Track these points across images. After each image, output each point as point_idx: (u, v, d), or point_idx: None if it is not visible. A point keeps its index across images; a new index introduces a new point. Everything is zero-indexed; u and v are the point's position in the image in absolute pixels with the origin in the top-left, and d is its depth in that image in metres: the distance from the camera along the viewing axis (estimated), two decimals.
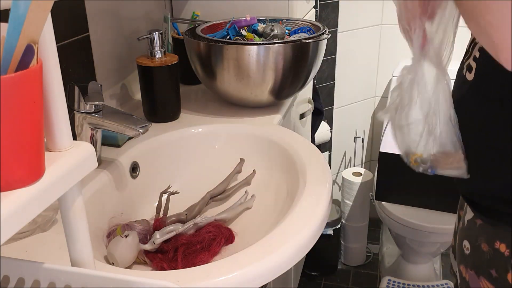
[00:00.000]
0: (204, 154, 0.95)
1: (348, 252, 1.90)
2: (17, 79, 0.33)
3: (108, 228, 0.75)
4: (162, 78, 0.96)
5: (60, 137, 0.41)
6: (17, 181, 0.35)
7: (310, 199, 0.70)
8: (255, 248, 0.60)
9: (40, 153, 0.37)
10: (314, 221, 0.66)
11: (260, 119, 0.99)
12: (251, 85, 0.99)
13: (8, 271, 0.44)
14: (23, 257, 0.56)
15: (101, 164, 0.81)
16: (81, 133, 0.78)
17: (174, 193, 0.81)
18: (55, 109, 0.40)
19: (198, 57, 1.02)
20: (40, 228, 0.65)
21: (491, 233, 0.69)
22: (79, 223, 0.44)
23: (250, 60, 0.95)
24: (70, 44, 0.88)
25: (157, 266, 0.71)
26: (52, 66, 0.39)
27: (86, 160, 0.42)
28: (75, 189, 0.43)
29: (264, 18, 1.17)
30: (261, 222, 0.81)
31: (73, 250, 0.45)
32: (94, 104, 0.75)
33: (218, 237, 0.75)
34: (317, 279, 1.85)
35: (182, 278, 0.55)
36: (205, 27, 1.11)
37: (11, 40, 0.32)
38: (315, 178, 0.75)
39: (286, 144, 0.88)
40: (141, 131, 0.76)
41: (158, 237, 0.72)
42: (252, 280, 0.57)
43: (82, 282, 0.42)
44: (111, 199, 0.79)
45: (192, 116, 1.03)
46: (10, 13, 0.32)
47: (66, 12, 0.87)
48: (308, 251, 0.64)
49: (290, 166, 0.83)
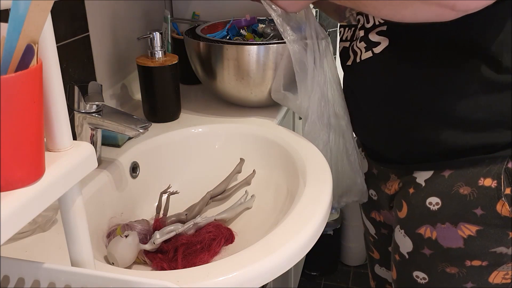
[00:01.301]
0: (204, 154, 0.95)
1: (348, 252, 1.90)
2: (17, 79, 0.33)
3: (108, 228, 0.75)
4: (162, 78, 0.96)
5: (60, 137, 0.41)
6: (17, 181, 0.35)
7: (310, 199, 0.70)
8: (255, 248, 0.60)
9: (40, 153, 0.37)
10: (314, 221, 0.66)
11: (260, 119, 0.99)
12: (251, 85, 0.99)
13: (8, 271, 0.44)
14: (23, 257, 0.56)
15: (101, 164, 0.81)
16: (81, 133, 0.78)
17: (174, 193, 0.81)
18: (55, 109, 0.40)
19: (198, 57, 1.02)
20: (40, 228, 0.65)
21: (471, 174, 0.74)
22: (79, 223, 0.44)
23: (250, 60, 0.95)
24: (70, 44, 0.88)
25: (157, 266, 0.71)
26: (52, 66, 0.39)
27: (86, 160, 0.42)
28: (75, 189, 0.43)
29: (264, 18, 1.17)
30: (261, 222, 0.81)
31: (73, 250, 0.45)
32: (94, 104, 0.75)
33: (218, 237, 0.75)
34: (317, 279, 1.85)
35: (182, 278, 0.55)
36: (205, 27, 1.11)
37: (11, 40, 0.32)
38: (315, 178, 0.75)
39: (286, 144, 0.88)
40: (141, 131, 0.76)
41: (158, 237, 0.72)
42: (252, 280, 0.57)
43: (82, 282, 0.42)
44: (111, 199, 0.79)
45: (192, 116, 1.03)
46: (10, 13, 0.32)
47: (66, 12, 0.87)
48: (308, 251, 0.64)
49: (290, 166, 0.83)
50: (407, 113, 0.77)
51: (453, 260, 0.78)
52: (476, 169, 0.73)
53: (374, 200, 0.95)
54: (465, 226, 0.75)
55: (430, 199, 0.77)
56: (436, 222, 0.77)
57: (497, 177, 0.72)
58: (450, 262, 0.78)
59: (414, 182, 0.80)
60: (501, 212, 0.73)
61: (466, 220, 0.75)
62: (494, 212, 0.73)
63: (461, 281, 0.78)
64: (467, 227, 0.75)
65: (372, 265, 1.07)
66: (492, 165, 0.73)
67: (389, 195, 0.89)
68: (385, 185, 0.89)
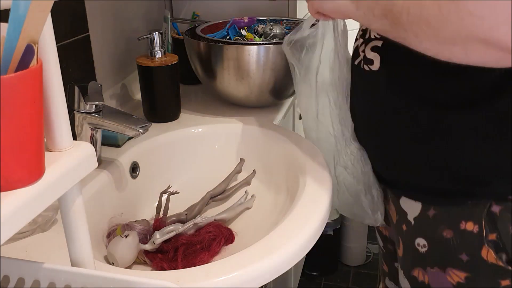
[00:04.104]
0: (204, 154, 0.95)
1: (348, 252, 1.90)
2: (17, 79, 0.33)
3: (108, 228, 0.75)
4: (162, 78, 0.96)
5: (60, 137, 0.41)
6: (17, 181, 0.35)
7: (310, 199, 0.70)
8: (255, 248, 0.60)
9: (40, 153, 0.37)
10: (314, 221, 0.66)
11: (260, 119, 0.99)
12: (251, 85, 0.99)
13: (8, 271, 0.44)
14: (23, 257, 0.56)
15: (101, 164, 0.81)
16: (81, 133, 0.78)
17: (174, 193, 0.81)
18: (55, 109, 0.40)
19: (198, 57, 1.02)
20: (40, 228, 0.65)
21: (453, 217, 0.68)
22: (79, 223, 0.44)
23: (250, 60, 0.95)
24: (70, 44, 0.88)
25: (157, 266, 0.71)
26: (52, 66, 0.39)
27: (86, 160, 0.42)
28: (75, 189, 0.43)
29: (264, 18, 1.17)
30: (261, 222, 0.81)
31: (73, 250, 0.45)
32: (94, 104, 0.75)
33: (218, 237, 0.75)
34: (317, 279, 1.85)
35: (182, 278, 0.55)
36: (205, 27, 1.11)
37: (11, 40, 0.32)
38: (315, 178, 0.75)
39: (286, 144, 0.88)
40: (141, 131, 0.76)
41: (158, 237, 0.72)
42: (252, 280, 0.57)
43: (82, 282, 0.42)
44: (111, 199, 0.79)
45: (192, 116, 1.03)
46: (10, 13, 0.32)
47: (66, 12, 0.87)
48: (308, 251, 0.64)
49: (290, 166, 0.83)
50: (390, 138, 0.73)
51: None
52: (458, 210, 0.68)
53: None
54: (453, 272, 0.70)
55: (418, 240, 0.73)
56: (426, 266, 0.73)
57: (479, 222, 0.66)
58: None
59: (405, 220, 0.75)
60: (487, 259, 0.66)
61: (453, 265, 0.70)
62: (480, 259, 0.67)
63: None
64: (455, 273, 0.70)
65: (383, 277, 1.02)
66: (474, 207, 0.66)
67: (392, 221, 0.84)
68: (388, 205, 0.84)
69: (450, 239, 0.69)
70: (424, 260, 0.73)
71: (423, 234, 0.73)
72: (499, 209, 0.65)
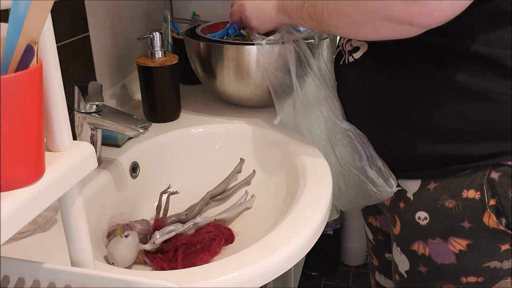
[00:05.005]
0: (204, 154, 0.95)
1: (348, 252, 1.90)
2: (17, 79, 0.33)
3: (108, 228, 0.75)
4: (162, 78, 0.96)
5: (60, 137, 0.41)
6: (17, 181, 0.35)
7: (310, 199, 0.70)
8: (255, 248, 0.60)
9: (40, 153, 0.37)
10: (314, 221, 0.66)
11: (260, 119, 0.99)
12: (251, 85, 0.99)
13: (8, 271, 0.44)
14: (23, 257, 0.56)
15: (101, 164, 0.81)
16: (81, 133, 0.78)
17: (174, 193, 0.81)
18: (55, 109, 0.40)
19: (198, 57, 1.02)
20: (40, 228, 0.65)
21: (454, 187, 0.72)
22: (79, 223, 0.44)
23: (250, 60, 0.95)
24: (70, 44, 0.88)
25: (157, 266, 0.71)
26: (52, 66, 0.39)
27: (86, 160, 0.42)
28: (75, 189, 0.43)
29: None
30: (261, 222, 0.81)
31: (73, 250, 0.45)
32: (94, 104, 0.75)
33: (218, 237, 0.75)
34: (317, 279, 1.85)
35: (182, 278, 0.55)
36: (205, 27, 1.11)
37: (11, 40, 0.32)
38: (315, 178, 0.75)
39: (286, 144, 0.88)
40: (141, 131, 0.76)
41: (158, 237, 0.72)
42: (252, 280, 0.57)
43: (82, 282, 0.42)
44: (111, 199, 0.79)
45: (192, 116, 1.03)
46: (10, 13, 0.32)
47: (66, 12, 0.87)
48: (308, 251, 0.64)
49: (290, 166, 0.83)
50: (382, 121, 0.76)
51: (448, 277, 0.76)
52: (459, 180, 0.71)
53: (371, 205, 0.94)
54: (455, 241, 0.73)
55: (418, 213, 0.76)
56: (427, 238, 0.76)
57: (480, 188, 0.70)
58: (446, 280, 0.76)
59: (404, 196, 0.78)
60: (488, 224, 0.70)
61: (455, 234, 0.73)
62: (482, 225, 0.71)
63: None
64: (457, 241, 0.73)
65: (373, 272, 1.06)
66: (474, 175, 0.70)
67: (384, 204, 0.87)
68: None
69: (452, 208, 0.72)
70: (424, 232, 0.76)
71: (423, 207, 0.75)
72: (498, 175, 0.69)
